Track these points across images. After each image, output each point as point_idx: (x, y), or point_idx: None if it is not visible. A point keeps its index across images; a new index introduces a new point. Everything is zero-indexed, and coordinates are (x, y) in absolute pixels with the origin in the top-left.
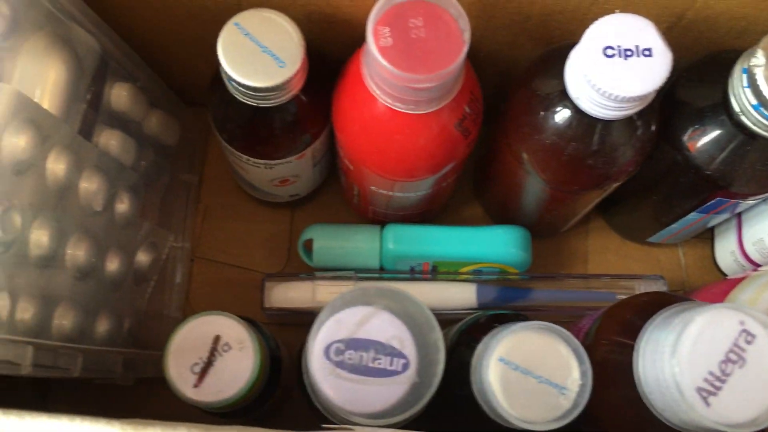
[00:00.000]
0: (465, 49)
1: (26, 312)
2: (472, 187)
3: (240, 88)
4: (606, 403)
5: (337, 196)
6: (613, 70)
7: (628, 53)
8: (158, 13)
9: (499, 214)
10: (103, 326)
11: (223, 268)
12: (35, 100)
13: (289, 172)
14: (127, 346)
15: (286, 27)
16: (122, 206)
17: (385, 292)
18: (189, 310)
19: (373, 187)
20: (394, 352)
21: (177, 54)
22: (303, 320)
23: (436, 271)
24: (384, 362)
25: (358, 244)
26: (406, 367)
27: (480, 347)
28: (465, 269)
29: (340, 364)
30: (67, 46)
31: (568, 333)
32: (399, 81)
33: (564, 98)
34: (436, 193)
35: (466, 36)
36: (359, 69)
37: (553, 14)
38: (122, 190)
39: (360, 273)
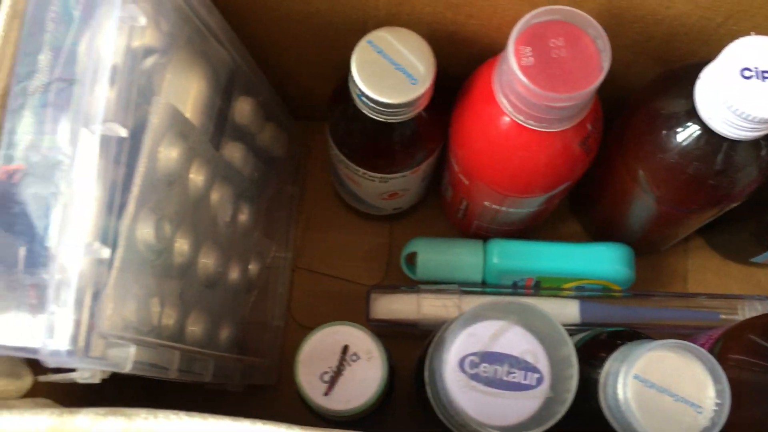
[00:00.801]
0: (605, 69)
1: (170, 318)
2: (569, 204)
3: (370, 103)
4: (738, 422)
5: (434, 211)
6: (750, 91)
7: (766, 75)
8: (284, 30)
9: (600, 231)
10: (224, 334)
11: (323, 279)
12: None
13: (401, 186)
14: (238, 354)
15: (418, 45)
16: (242, 217)
17: (516, 306)
18: (290, 319)
19: (486, 202)
20: (528, 367)
21: (294, 69)
22: (405, 332)
23: (539, 287)
24: (518, 376)
25: (462, 257)
26: (540, 381)
27: (610, 364)
28: (568, 285)
29: (475, 377)
30: (206, 61)
31: (704, 352)
32: (538, 99)
33: (691, 117)
34: (544, 210)
35: (605, 56)
36: (486, 85)
37: (677, 35)
38: (242, 201)
39: (463, 287)
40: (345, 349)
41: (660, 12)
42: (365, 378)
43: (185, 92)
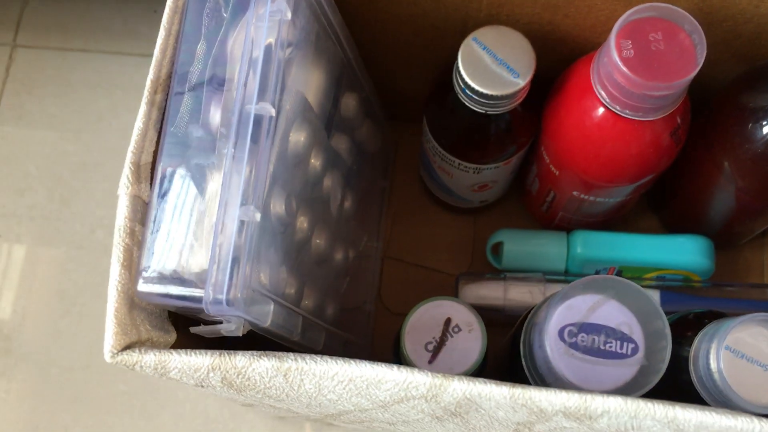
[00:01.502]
0: (701, 61)
1: (291, 288)
2: (647, 199)
3: (474, 95)
4: None
5: (515, 206)
6: None
7: None
8: (389, 30)
9: (679, 224)
10: (329, 310)
11: (411, 268)
12: None
13: (492, 177)
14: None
15: (519, 41)
16: (347, 204)
17: (612, 282)
18: (380, 305)
19: (575, 192)
20: (624, 337)
21: (392, 69)
22: (490, 317)
23: (621, 276)
24: (614, 346)
25: (546, 248)
26: (635, 351)
27: (701, 338)
28: (649, 275)
29: (573, 345)
30: (325, 57)
31: None
32: (637, 89)
33: None
34: (628, 201)
35: (700, 49)
36: (584, 79)
37: (764, 33)
38: (347, 190)
39: (548, 275)
40: (447, 321)
41: (749, 11)
42: (466, 348)
43: (308, 84)
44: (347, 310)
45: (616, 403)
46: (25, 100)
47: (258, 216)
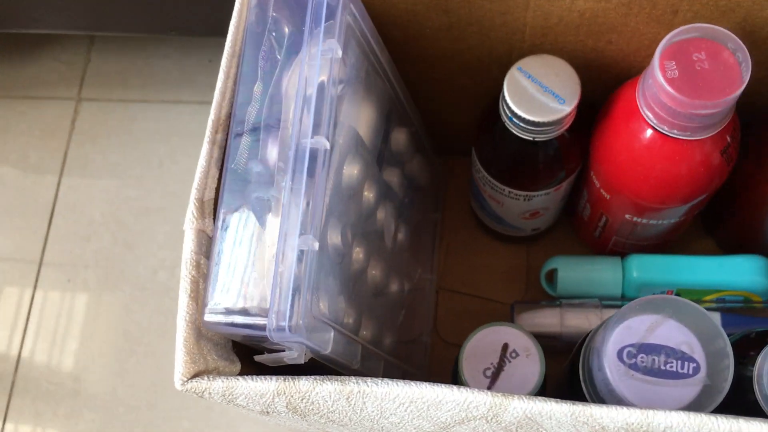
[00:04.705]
0: (746, 78)
1: (350, 317)
2: (701, 220)
3: (521, 123)
4: None
5: (566, 234)
6: None
7: None
8: (435, 65)
9: (737, 245)
10: (387, 341)
11: (465, 299)
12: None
13: (542, 204)
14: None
15: (564, 68)
16: (400, 236)
17: (669, 301)
18: (436, 336)
19: (627, 216)
20: (684, 357)
21: (439, 103)
22: (547, 344)
23: None
24: (675, 366)
25: (601, 273)
26: (696, 370)
27: (764, 357)
28: (708, 297)
29: (633, 366)
30: (374, 93)
31: None
32: (684, 108)
33: None
34: (682, 222)
35: (745, 67)
36: (630, 102)
37: None
38: (400, 222)
39: (604, 301)
40: (505, 347)
41: None
42: (525, 373)
43: (360, 119)
44: (404, 342)
45: (679, 418)
46: (89, 151)
47: (316, 245)
